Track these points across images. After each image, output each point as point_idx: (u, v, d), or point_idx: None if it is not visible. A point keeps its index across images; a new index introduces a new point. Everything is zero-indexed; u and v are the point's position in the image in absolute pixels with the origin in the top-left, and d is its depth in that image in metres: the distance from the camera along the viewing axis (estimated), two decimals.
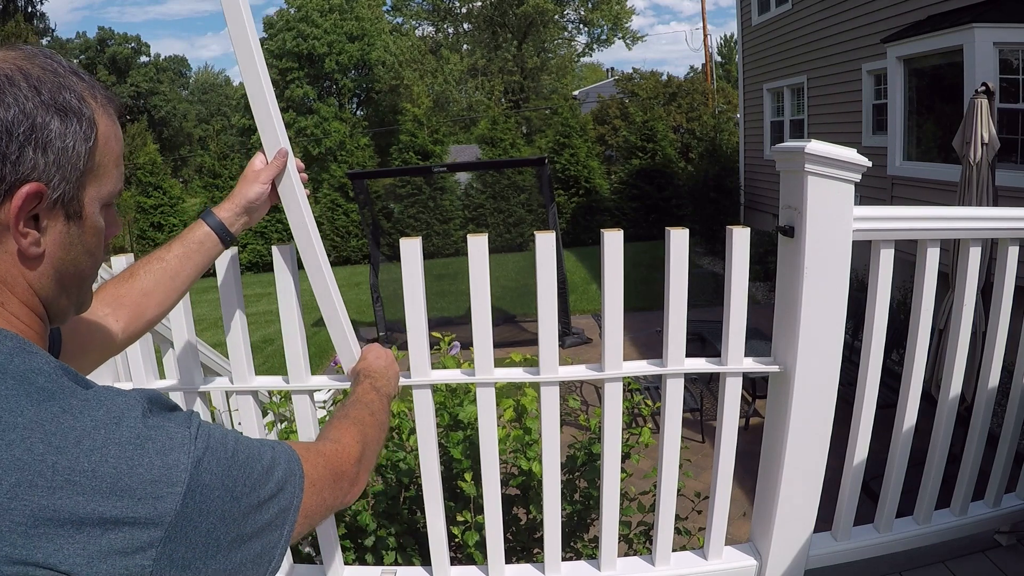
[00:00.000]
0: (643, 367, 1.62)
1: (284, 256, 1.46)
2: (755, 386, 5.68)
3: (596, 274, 11.45)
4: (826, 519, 1.83)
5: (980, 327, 3.32)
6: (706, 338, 6.46)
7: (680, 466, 1.71)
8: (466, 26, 33.45)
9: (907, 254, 1.79)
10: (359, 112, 32.63)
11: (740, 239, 1.54)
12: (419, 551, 1.94)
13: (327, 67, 30.64)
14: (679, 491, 1.78)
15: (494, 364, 1.57)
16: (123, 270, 1.13)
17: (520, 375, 1.62)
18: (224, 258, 1.45)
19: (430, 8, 33.22)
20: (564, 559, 1.76)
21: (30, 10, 24.75)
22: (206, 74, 50.29)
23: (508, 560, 1.77)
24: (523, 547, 2.08)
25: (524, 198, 14.61)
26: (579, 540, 2.08)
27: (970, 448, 1.90)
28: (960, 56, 6.47)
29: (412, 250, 1.47)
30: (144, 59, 43.63)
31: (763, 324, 3.55)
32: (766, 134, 12.65)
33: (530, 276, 1.56)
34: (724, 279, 1.58)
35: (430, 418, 1.58)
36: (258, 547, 0.68)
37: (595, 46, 34.41)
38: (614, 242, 1.49)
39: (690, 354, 1.62)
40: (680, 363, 1.60)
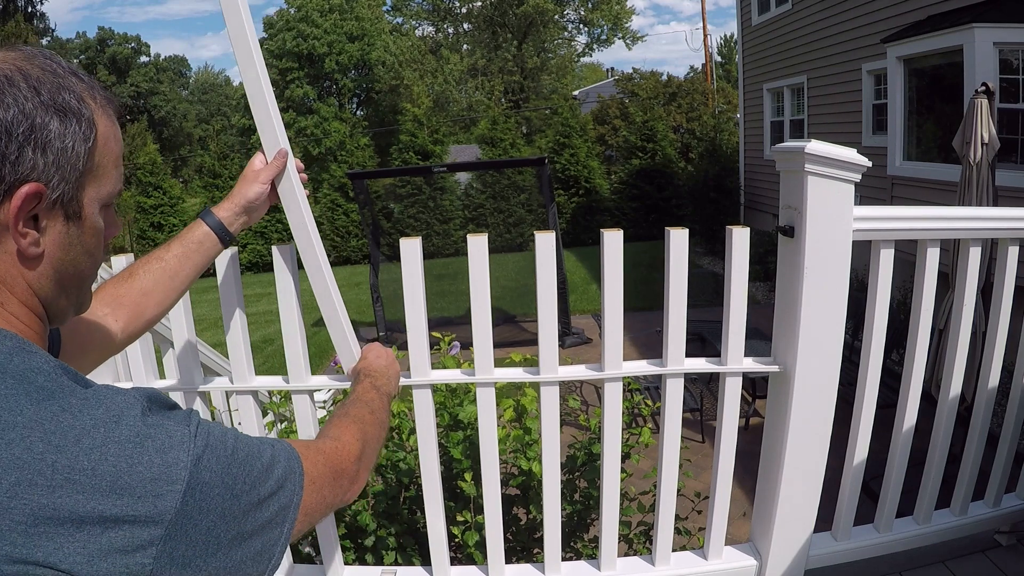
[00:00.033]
0: (643, 367, 1.62)
1: (284, 256, 1.46)
2: (755, 386, 5.68)
3: (596, 274, 11.45)
4: (826, 519, 1.83)
5: (980, 327, 3.32)
6: (706, 338, 6.46)
7: (680, 466, 1.71)
8: (466, 26, 33.46)
9: (907, 254, 1.79)
10: (359, 112, 32.64)
11: (740, 239, 1.54)
12: (419, 551, 1.94)
13: (327, 67, 30.64)
14: (679, 491, 1.78)
15: (494, 364, 1.57)
16: (122, 270, 1.13)
17: (520, 375, 1.62)
18: (224, 258, 1.45)
19: (430, 8, 33.22)
20: (564, 559, 1.76)
21: (30, 10, 24.77)
22: (206, 74, 50.30)
23: (508, 560, 1.77)
24: (523, 547, 2.08)
25: (524, 198, 14.61)
26: (579, 540, 2.08)
27: (970, 448, 1.90)
28: (960, 56, 6.47)
29: (412, 250, 1.47)
30: (144, 59, 43.63)
31: (763, 324, 3.56)
32: (766, 134, 12.65)
33: (530, 276, 1.56)
34: (724, 279, 1.58)
35: (430, 418, 1.58)
36: (258, 545, 0.68)
37: (595, 46, 34.43)
38: (614, 242, 1.49)
39: (690, 354, 1.62)
40: (680, 363, 1.60)
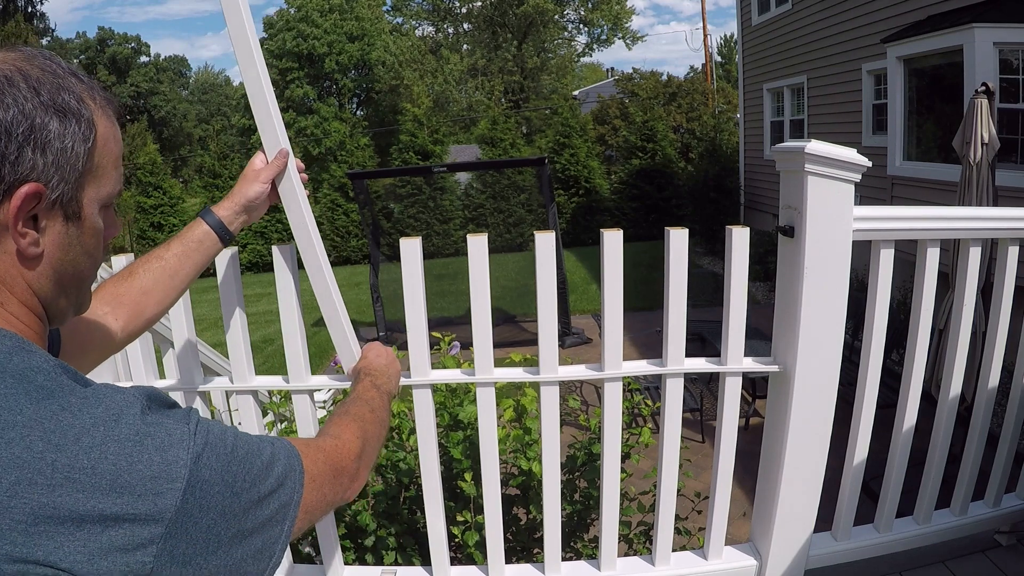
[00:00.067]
0: (643, 367, 1.62)
1: (284, 256, 1.46)
2: (755, 386, 5.68)
3: (596, 274, 11.45)
4: (826, 519, 1.83)
5: (980, 327, 3.32)
6: (706, 338, 6.46)
7: (680, 466, 1.71)
8: (466, 26, 33.46)
9: (907, 254, 1.79)
10: (359, 112, 32.63)
11: (740, 239, 1.54)
12: (419, 551, 1.94)
13: (327, 67, 30.64)
14: (679, 491, 1.78)
15: (494, 364, 1.57)
16: (122, 269, 1.13)
17: (520, 375, 1.62)
18: (224, 257, 1.45)
19: (430, 8, 33.22)
20: (564, 559, 1.76)
21: (30, 10, 24.77)
22: (206, 74, 50.30)
23: (508, 560, 1.77)
24: (523, 547, 2.08)
25: (524, 198, 14.61)
26: (579, 540, 2.08)
27: (970, 448, 1.90)
28: (960, 56, 6.47)
29: (412, 250, 1.47)
30: (144, 59, 43.63)
31: (763, 324, 3.56)
32: (766, 134, 12.65)
33: (530, 276, 1.56)
34: (724, 279, 1.58)
35: (430, 418, 1.58)
36: (259, 543, 0.68)
37: (595, 46, 34.44)
38: (614, 242, 1.49)
39: (690, 354, 1.62)
40: (680, 363, 1.60)
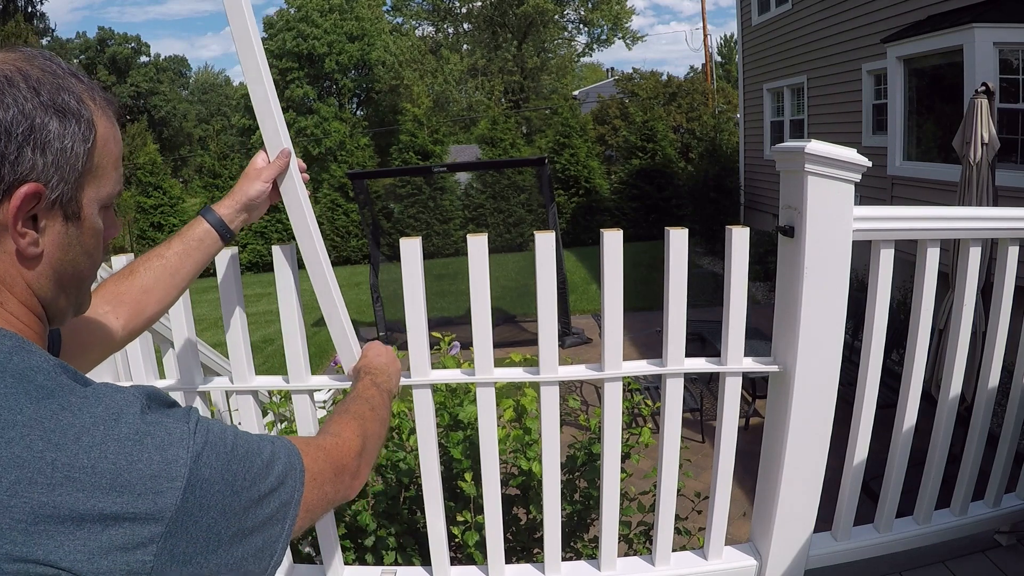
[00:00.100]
0: (643, 367, 1.62)
1: (284, 255, 1.46)
2: (755, 386, 5.68)
3: (596, 274, 11.45)
4: (826, 519, 1.83)
5: (980, 327, 3.32)
6: (706, 338, 6.46)
7: (680, 466, 1.71)
8: (466, 26, 33.46)
9: (907, 254, 1.79)
10: (359, 112, 32.62)
11: (740, 239, 1.54)
12: (419, 551, 1.94)
13: (327, 67, 30.63)
14: (679, 491, 1.78)
15: (494, 364, 1.57)
16: (123, 267, 1.13)
17: (520, 375, 1.62)
18: (224, 257, 1.45)
19: (430, 8, 33.22)
20: (564, 559, 1.76)
21: (30, 10, 24.78)
22: (206, 74, 50.31)
23: (508, 560, 1.77)
24: (523, 547, 2.08)
25: (524, 198, 14.61)
26: (579, 540, 2.08)
27: (970, 448, 1.90)
28: (960, 56, 6.47)
29: (412, 250, 1.47)
30: (144, 59, 43.63)
31: (763, 324, 3.56)
32: (766, 134, 12.65)
33: (530, 276, 1.56)
34: (724, 279, 1.58)
35: (430, 418, 1.58)
36: (259, 541, 0.68)
37: (595, 46, 34.43)
38: (614, 242, 1.49)
39: (690, 354, 1.62)
40: (680, 363, 1.60)
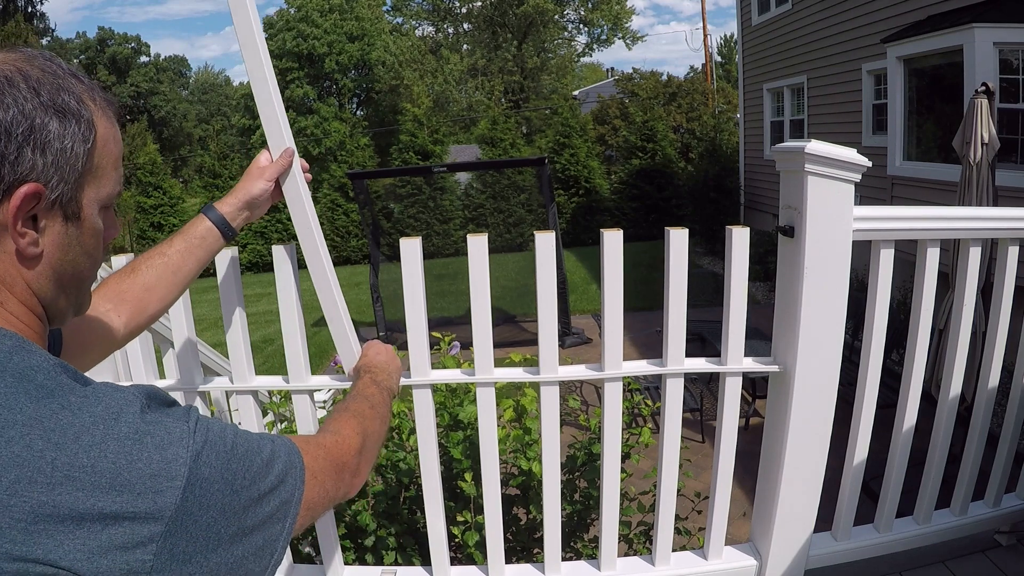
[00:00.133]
0: (643, 367, 1.62)
1: (284, 255, 1.46)
2: (755, 386, 5.68)
3: (596, 274, 11.45)
4: (826, 519, 1.83)
5: (980, 327, 3.32)
6: (706, 338, 6.46)
7: (680, 466, 1.71)
8: (466, 26, 33.45)
9: (907, 254, 1.79)
10: (359, 112, 32.62)
11: (740, 239, 1.54)
12: (419, 551, 1.94)
13: (327, 67, 30.63)
14: (679, 491, 1.78)
15: (494, 364, 1.57)
16: (125, 265, 1.13)
17: (520, 375, 1.62)
18: (224, 257, 1.45)
19: (430, 8, 33.22)
20: (564, 559, 1.76)
21: (30, 10, 24.78)
22: (206, 74, 50.30)
23: (508, 560, 1.77)
24: (523, 547, 2.08)
25: (524, 198, 14.61)
26: (579, 540, 2.08)
27: (970, 448, 1.90)
28: (960, 56, 6.47)
29: (412, 250, 1.47)
30: (144, 59, 43.63)
31: (763, 324, 3.56)
32: (766, 134, 12.65)
33: (530, 276, 1.56)
34: (724, 279, 1.58)
35: (430, 418, 1.58)
36: (260, 540, 0.68)
37: (595, 46, 34.43)
38: (614, 242, 1.49)
39: (690, 354, 1.62)
40: (680, 363, 1.60)
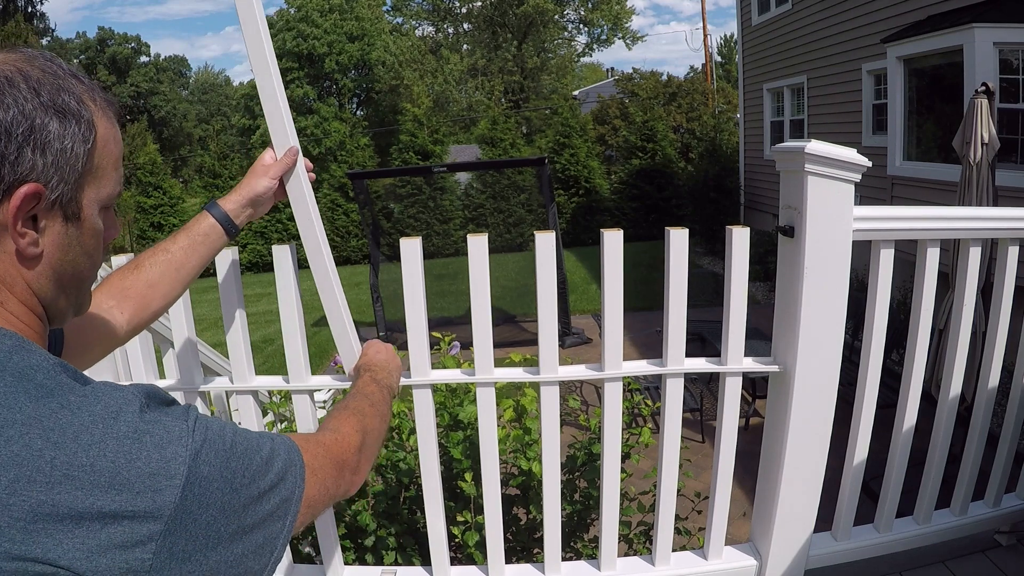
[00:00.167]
0: (643, 367, 1.62)
1: (284, 255, 1.46)
2: (755, 386, 5.68)
3: (596, 274, 11.45)
4: (826, 519, 1.83)
5: (980, 327, 3.32)
6: (706, 338, 6.46)
7: (680, 466, 1.71)
8: (466, 26, 33.45)
9: (907, 254, 1.79)
10: (359, 112, 32.62)
11: (740, 239, 1.54)
12: (419, 551, 1.94)
13: (327, 67, 30.62)
14: (679, 491, 1.78)
15: (494, 364, 1.57)
16: (128, 262, 1.12)
17: (520, 375, 1.62)
18: (224, 258, 1.45)
19: (430, 8, 33.21)
20: (564, 559, 1.76)
21: (30, 10, 24.79)
22: (206, 74, 50.30)
23: (508, 560, 1.77)
24: (523, 547, 2.08)
25: (524, 198, 14.61)
26: (579, 540, 2.08)
27: (970, 448, 1.90)
28: (960, 56, 6.47)
29: (412, 250, 1.47)
30: (144, 59, 43.64)
31: (763, 324, 3.56)
32: (766, 134, 12.65)
33: (530, 276, 1.56)
34: (724, 279, 1.58)
35: (430, 418, 1.58)
36: (260, 538, 0.68)
37: (595, 46, 34.42)
38: (614, 242, 1.49)
39: (690, 354, 1.62)
40: (680, 363, 1.60)
